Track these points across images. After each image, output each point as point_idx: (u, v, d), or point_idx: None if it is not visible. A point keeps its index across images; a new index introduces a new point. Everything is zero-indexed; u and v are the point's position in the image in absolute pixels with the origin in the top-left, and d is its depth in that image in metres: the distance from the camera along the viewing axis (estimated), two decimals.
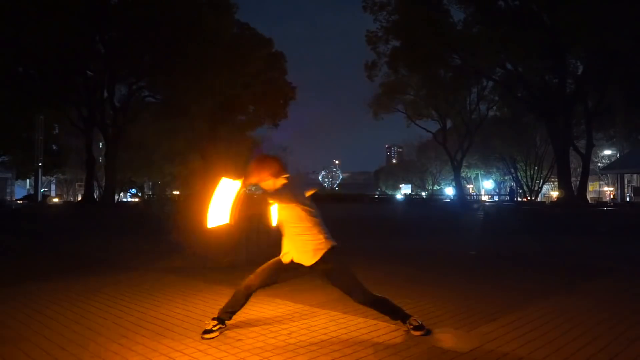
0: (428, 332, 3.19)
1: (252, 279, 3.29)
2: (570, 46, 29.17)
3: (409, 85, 39.74)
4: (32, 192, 43.85)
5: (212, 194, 3.09)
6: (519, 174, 47.14)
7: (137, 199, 53.68)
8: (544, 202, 43.58)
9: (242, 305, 3.32)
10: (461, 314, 3.75)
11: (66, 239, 10.47)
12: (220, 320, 3.23)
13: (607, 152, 44.96)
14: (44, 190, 49.47)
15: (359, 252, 7.26)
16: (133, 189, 55.75)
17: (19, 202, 42.80)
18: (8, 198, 46.55)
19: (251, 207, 3.69)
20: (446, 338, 3.14)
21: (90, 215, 20.98)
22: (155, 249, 8.05)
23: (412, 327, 3.19)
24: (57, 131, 43.24)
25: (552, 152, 35.65)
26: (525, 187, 46.78)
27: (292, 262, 3.22)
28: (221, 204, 3.06)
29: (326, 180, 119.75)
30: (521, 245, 9.30)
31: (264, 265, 3.32)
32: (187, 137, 43.48)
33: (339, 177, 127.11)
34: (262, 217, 3.53)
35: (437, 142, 43.21)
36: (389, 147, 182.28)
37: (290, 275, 3.40)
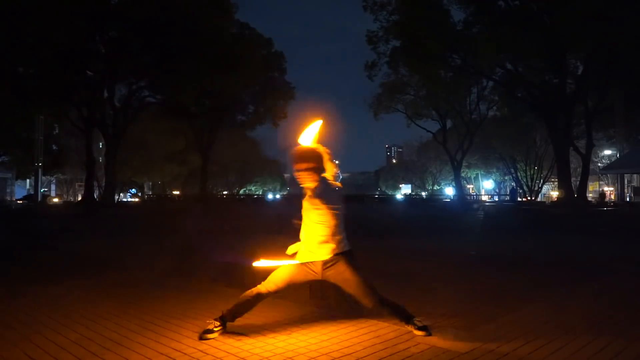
0: (429, 333, 3.19)
1: (264, 284, 3.25)
2: (570, 46, 29.14)
3: (409, 85, 39.79)
4: (32, 192, 43.87)
5: None
6: (519, 174, 47.15)
7: (137, 199, 53.69)
8: (544, 202, 43.59)
9: (248, 310, 3.29)
10: (461, 314, 3.75)
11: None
12: (222, 321, 3.22)
13: (607, 152, 44.92)
14: (44, 190, 49.47)
15: (358, 252, 7.23)
16: (133, 189, 55.77)
17: (19, 202, 42.80)
18: (8, 198, 46.52)
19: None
20: (446, 338, 3.14)
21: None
22: (160, 249, 8.05)
23: (415, 327, 3.19)
24: (57, 131, 43.30)
25: (552, 152, 35.62)
26: (525, 187, 46.79)
27: (306, 262, 3.20)
28: None
29: None
30: (521, 245, 9.30)
31: (277, 271, 3.26)
32: (187, 137, 43.56)
33: (339, 177, 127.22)
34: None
35: (437, 142, 43.20)
36: (389, 147, 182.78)
37: (303, 283, 3.37)
